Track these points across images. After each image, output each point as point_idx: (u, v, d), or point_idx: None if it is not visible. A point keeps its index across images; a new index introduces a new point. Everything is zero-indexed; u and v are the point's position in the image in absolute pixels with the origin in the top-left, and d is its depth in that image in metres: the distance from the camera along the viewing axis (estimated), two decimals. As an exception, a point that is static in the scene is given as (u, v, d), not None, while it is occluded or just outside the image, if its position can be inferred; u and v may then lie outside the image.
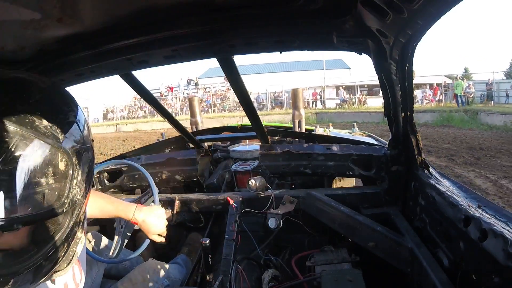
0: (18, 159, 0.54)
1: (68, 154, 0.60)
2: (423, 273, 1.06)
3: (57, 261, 0.65)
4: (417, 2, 0.59)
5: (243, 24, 0.90)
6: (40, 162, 0.56)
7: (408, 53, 0.89)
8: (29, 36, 0.80)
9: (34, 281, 0.63)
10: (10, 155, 0.53)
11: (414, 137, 1.30)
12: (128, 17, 0.83)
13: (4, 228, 0.55)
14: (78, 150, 0.63)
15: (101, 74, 1.15)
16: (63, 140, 0.60)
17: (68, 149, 0.60)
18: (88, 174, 0.67)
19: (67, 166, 0.60)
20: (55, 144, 0.58)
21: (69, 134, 0.62)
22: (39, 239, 0.62)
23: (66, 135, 0.61)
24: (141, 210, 1.29)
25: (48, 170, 0.57)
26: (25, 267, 0.60)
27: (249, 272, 1.40)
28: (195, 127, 3.01)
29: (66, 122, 0.63)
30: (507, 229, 0.78)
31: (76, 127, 0.64)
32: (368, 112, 16.22)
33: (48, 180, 0.57)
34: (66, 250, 0.66)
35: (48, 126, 0.58)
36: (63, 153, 0.59)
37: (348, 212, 1.40)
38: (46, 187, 0.57)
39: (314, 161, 1.71)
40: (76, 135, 0.63)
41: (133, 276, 1.36)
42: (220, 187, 1.93)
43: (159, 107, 1.63)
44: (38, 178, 0.56)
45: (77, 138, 0.63)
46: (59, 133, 0.60)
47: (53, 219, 0.61)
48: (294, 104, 2.56)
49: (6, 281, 0.58)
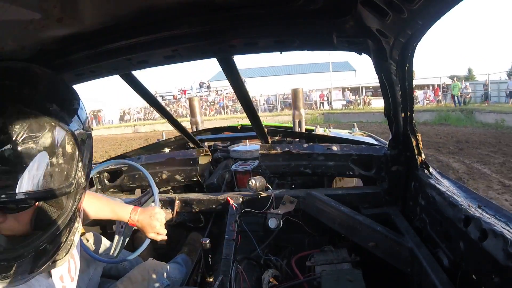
0: (32, 139, 0.57)
1: (75, 137, 0.64)
2: (423, 273, 1.06)
3: (59, 246, 0.69)
4: (417, 2, 0.59)
5: (243, 24, 0.90)
6: (52, 142, 0.60)
7: (408, 53, 0.89)
8: (29, 36, 0.80)
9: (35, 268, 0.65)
10: (24, 136, 0.57)
11: (414, 137, 1.30)
12: (128, 17, 0.83)
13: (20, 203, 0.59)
14: (82, 135, 0.67)
15: (101, 74, 1.15)
16: (70, 123, 0.64)
17: (76, 133, 0.65)
18: (89, 160, 0.71)
19: (74, 148, 0.64)
20: (64, 127, 0.62)
21: (75, 119, 0.66)
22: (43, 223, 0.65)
23: (73, 120, 0.65)
24: (136, 212, 1.29)
25: (58, 151, 0.61)
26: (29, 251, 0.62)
27: (249, 272, 1.40)
28: (195, 127, 3.02)
29: (72, 108, 0.67)
30: (507, 229, 0.78)
31: (81, 114, 0.69)
32: (372, 112, 17.20)
33: (58, 160, 0.61)
34: (67, 236, 0.69)
35: (57, 109, 0.62)
36: (70, 135, 0.64)
37: (348, 212, 1.40)
38: (57, 166, 0.61)
39: (314, 161, 1.71)
40: (81, 120, 0.68)
41: (133, 275, 1.36)
42: (220, 187, 1.93)
43: (159, 107, 1.63)
44: (50, 157, 0.60)
45: (81, 124, 0.68)
46: (67, 117, 0.64)
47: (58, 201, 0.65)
48: (294, 104, 2.56)
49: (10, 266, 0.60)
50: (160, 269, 1.44)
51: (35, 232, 0.65)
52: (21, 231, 0.64)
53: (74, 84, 1.19)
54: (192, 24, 0.90)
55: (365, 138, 2.75)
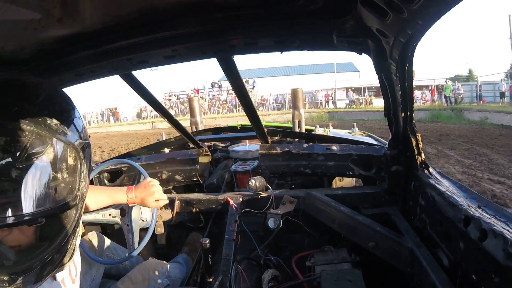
0: (35, 156, 0.57)
1: (76, 149, 0.64)
2: (423, 273, 1.06)
3: (65, 254, 0.69)
4: (417, 2, 0.59)
5: (243, 24, 0.90)
6: (55, 158, 0.60)
7: (408, 53, 0.89)
8: (29, 36, 0.80)
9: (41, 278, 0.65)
10: (27, 153, 0.56)
11: (414, 137, 1.30)
12: (128, 17, 0.83)
13: (30, 222, 0.59)
14: (82, 145, 0.67)
15: (101, 74, 1.15)
16: (70, 135, 0.64)
17: (76, 145, 0.65)
18: (89, 168, 0.71)
19: (76, 160, 0.64)
20: (66, 140, 0.62)
21: (75, 130, 0.66)
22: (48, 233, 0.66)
23: (73, 132, 0.65)
24: (131, 190, 1.33)
25: (62, 165, 0.62)
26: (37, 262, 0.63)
27: (249, 272, 1.41)
28: (195, 127, 3.02)
29: (71, 119, 0.67)
30: (507, 229, 0.78)
31: (78, 124, 0.68)
32: (372, 111, 18.98)
33: (63, 175, 0.62)
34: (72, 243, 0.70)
35: (57, 123, 0.62)
36: (72, 148, 0.64)
37: (348, 212, 1.40)
38: (62, 181, 0.61)
39: (314, 161, 1.71)
40: (79, 131, 0.68)
41: (133, 275, 1.36)
42: (220, 187, 1.93)
43: (159, 107, 1.63)
44: (54, 173, 0.60)
45: (80, 134, 0.68)
46: (67, 130, 0.64)
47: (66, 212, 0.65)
48: (294, 104, 2.56)
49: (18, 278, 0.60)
50: (160, 269, 1.44)
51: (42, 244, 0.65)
52: (26, 242, 0.65)
53: (74, 84, 1.19)
54: (192, 24, 0.90)
55: (365, 138, 2.75)
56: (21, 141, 0.56)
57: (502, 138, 9.04)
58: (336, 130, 3.30)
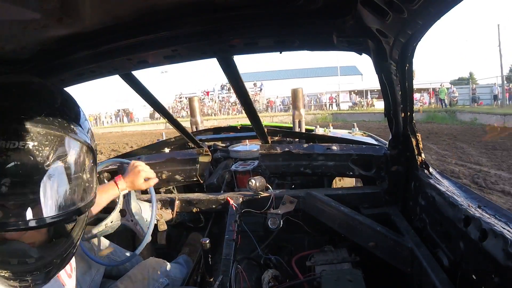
0: (62, 158, 0.61)
1: (92, 150, 0.69)
2: (423, 273, 1.06)
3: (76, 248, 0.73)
4: (417, 2, 0.59)
5: (243, 24, 0.90)
6: (78, 159, 0.64)
7: (408, 53, 0.89)
8: (29, 36, 0.80)
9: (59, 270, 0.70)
10: (55, 155, 0.60)
11: (414, 137, 1.30)
12: (128, 17, 0.83)
13: (66, 221, 0.63)
14: (95, 146, 0.72)
15: (101, 74, 1.15)
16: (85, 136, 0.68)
17: (92, 146, 0.69)
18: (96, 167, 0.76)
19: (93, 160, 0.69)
20: (85, 142, 0.66)
21: (90, 132, 0.70)
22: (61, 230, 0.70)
23: (88, 134, 0.69)
24: (120, 179, 1.36)
25: (85, 165, 0.66)
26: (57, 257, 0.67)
27: (249, 272, 1.40)
28: (195, 127, 3.02)
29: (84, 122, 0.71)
30: (507, 229, 0.78)
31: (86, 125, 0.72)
32: (373, 112, 20.43)
33: (86, 174, 0.66)
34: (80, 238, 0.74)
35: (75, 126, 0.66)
36: (90, 149, 0.68)
37: (348, 212, 1.40)
38: (86, 180, 0.66)
39: (314, 161, 1.71)
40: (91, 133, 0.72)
41: (133, 274, 1.36)
42: (220, 187, 1.93)
43: (159, 107, 1.63)
44: (79, 173, 0.64)
45: (92, 136, 0.72)
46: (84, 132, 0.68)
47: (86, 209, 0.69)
48: (294, 104, 2.56)
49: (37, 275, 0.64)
50: (160, 268, 1.44)
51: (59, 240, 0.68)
52: (40, 239, 0.68)
53: (74, 84, 1.19)
54: (192, 24, 0.90)
55: (365, 138, 2.76)
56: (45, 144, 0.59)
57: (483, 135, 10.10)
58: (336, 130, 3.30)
